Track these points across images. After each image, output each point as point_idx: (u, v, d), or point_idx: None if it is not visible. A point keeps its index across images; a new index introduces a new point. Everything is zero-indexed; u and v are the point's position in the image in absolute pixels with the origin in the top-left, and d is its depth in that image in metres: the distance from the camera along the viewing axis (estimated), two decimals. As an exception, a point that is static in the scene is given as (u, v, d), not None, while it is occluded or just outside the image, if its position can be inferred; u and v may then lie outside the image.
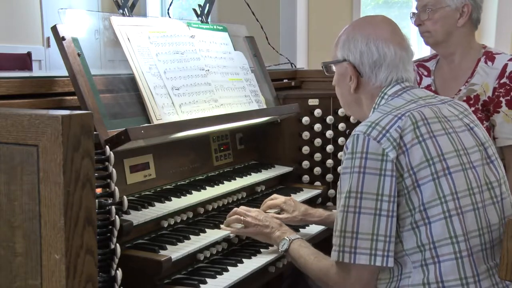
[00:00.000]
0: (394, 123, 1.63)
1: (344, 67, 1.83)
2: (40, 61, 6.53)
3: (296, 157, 2.76)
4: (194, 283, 1.81)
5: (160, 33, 2.22)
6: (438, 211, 1.61)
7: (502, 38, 5.30)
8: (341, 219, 1.63)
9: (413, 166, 1.61)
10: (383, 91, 1.78)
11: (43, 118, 1.23)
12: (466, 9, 2.38)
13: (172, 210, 1.95)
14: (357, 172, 1.61)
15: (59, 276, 1.24)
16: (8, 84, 1.76)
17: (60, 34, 1.87)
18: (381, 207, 1.59)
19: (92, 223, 1.29)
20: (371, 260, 1.60)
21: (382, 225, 1.59)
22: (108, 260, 1.60)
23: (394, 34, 1.81)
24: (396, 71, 1.77)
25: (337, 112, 2.77)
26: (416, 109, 1.69)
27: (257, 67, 2.73)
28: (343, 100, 1.92)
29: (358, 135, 1.64)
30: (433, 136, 1.65)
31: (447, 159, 1.64)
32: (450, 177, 1.63)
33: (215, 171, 2.44)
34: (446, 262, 1.61)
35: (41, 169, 1.24)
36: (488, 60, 2.41)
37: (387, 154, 1.59)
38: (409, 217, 1.62)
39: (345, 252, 1.62)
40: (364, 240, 1.60)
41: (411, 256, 1.64)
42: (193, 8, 2.59)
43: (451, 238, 1.61)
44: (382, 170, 1.59)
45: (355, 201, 1.61)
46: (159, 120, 2.03)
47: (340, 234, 1.63)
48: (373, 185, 1.60)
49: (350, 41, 1.81)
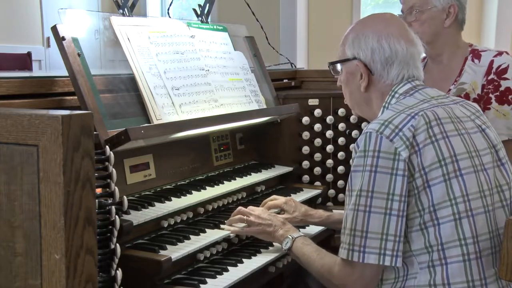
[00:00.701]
0: (407, 122, 1.61)
1: (353, 65, 1.80)
2: (40, 61, 6.53)
3: (296, 157, 2.76)
4: (194, 283, 1.81)
5: (160, 33, 2.22)
6: (448, 213, 1.59)
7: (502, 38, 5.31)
8: (352, 217, 1.61)
9: (425, 166, 1.59)
10: (394, 89, 1.76)
11: (43, 118, 1.23)
12: (453, 10, 2.39)
13: (172, 210, 1.95)
14: (368, 171, 1.59)
15: (59, 276, 1.24)
16: (8, 84, 1.76)
17: (60, 34, 1.87)
18: (392, 207, 1.58)
19: (92, 223, 1.29)
20: (380, 259, 1.58)
21: (392, 224, 1.58)
22: (108, 260, 1.59)
23: (404, 30, 1.79)
24: (407, 68, 1.75)
25: (337, 112, 2.77)
26: (429, 108, 1.66)
27: (257, 67, 2.73)
28: (352, 99, 1.88)
29: (370, 133, 1.61)
30: (446, 136, 1.63)
31: (459, 160, 1.62)
32: (461, 179, 1.61)
33: (215, 171, 2.44)
34: (454, 264, 1.59)
35: (41, 169, 1.24)
36: (475, 58, 2.42)
37: (400, 153, 1.57)
38: (418, 217, 1.61)
39: (354, 250, 1.61)
40: (374, 240, 1.59)
41: (418, 256, 1.63)
42: (193, 8, 2.59)
43: (460, 240, 1.59)
44: (393, 169, 1.57)
45: (365, 200, 1.59)
46: (159, 120, 2.03)
47: (350, 233, 1.61)
48: (384, 184, 1.58)
49: (360, 38, 1.77)
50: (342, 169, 2.79)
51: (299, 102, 2.70)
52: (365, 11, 6.02)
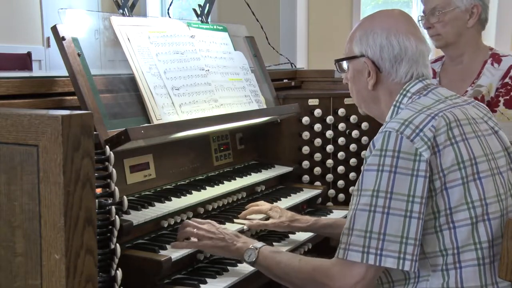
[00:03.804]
0: (428, 123, 1.56)
1: (361, 63, 1.75)
2: (40, 61, 6.53)
3: (296, 157, 2.76)
4: (194, 283, 1.81)
5: (160, 33, 2.22)
6: (465, 216, 1.56)
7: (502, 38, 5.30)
8: (366, 218, 1.54)
9: (444, 168, 1.55)
10: (405, 88, 1.71)
11: (43, 118, 1.23)
12: (476, 10, 2.37)
13: (172, 210, 1.95)
14: (387, 171, 1.53)
15: (59, 276, 1.24)
16: (8, 84, 1.76)
17: (60, 34, 1.87)
18: (412, 209, 1.52)
19: (92, 223, 1.29)
20: (399, 264, 1.51)
21: (413, 227, 1.52)
22: (108, 260, 1.59)
23: (414, 27, 1.74)
24: (416, 66, 1.70)
25: (337, 112, 2.77)
26: (447, 109, 1.62)
27: (257, 67, 2.74)
28: (359, 97, 1.82)
29: (390, 132, 1.55)
30: (465, 138, 1.59)
31: (478, 163, 1.59)
32: (479, 182, 1.58)
33: (215, 171, 2.44)
34: (468, 268, 1.56)
35: (41, 169, 1.24)
36: (495, 62, 2.41)
37: (421, 154, 1.52)
38: (433, 219, 1.57)
39: (370, 253, 1.53)
40: (392, 243, 1.52)
41: (431, 259, 1.59)
42: (193, 8, 2.59)
43: (475, 244, 1.57)
44: (414, 171, 1.52)
45: (384, 201, 1.52)
46: (159, 120, 2.03)
47: (364, 234, 1.54)
48: (404, 185, 1.52)
49: (368, 35, 1.72)
50: (342, 169, 2.79)
51: (299, 102, 2.70)
52: (365, 11, 6.02)
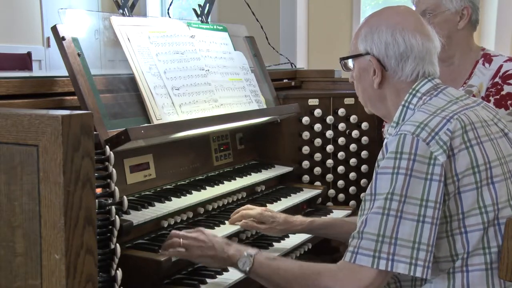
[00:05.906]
0: (444, 126, 1.53)
1: (366, 61, 1.72)
2: (40, 61, 6.53)
3: (296, 157, 2.76)
4: (194, 283, 1.81)
5: (160, 33, 2.22)
6: (477, 221, 1.54)
7: (502, 39, 5.30)
8: (379, 222, 1.50)
9: (458, 172, 1.52)
10: (414, 88, 1.68)
11: (43, 118, 1.23)
12: (466, 12, 2.36)
13: (172, 210, 1.95)
14: (403, 174, 1.49)
15: (59, 276, 1.24)
16: (8, 84, 1.76)
17: (60, 34, 1.87)
18: (426, 214, 1.48)
19: (92, 223, 1.29)
20: (410, 269, 1.48)
21: (426, 233, 1.48)
22: (108, 260, 1.59)
23: (420, 24, 1.71)
24: (422, 64, 1.67)
25: (337, 112, 2.77)
26: (461, 111, 1.59)
27: (257, 67, 2.74)
28: (365, 96, 1.79)
29: (405, 135, 1.52)
30: (480, 142, 1.56)
31: (492, 167, 1.56)
32: (492, 187, 1.55)
33: (215, 171, 2.44)
34: (476, 272, 1.55)
35: (41, 169, 1.24)
36: (486, 62, 2.41)
37: (436, 157, 1.49)
38: (444, 224, 1.55)
39: (381, 258, 1.49)
40: (404, 248, 1.48)
41: (441, 264, 1.57)
42: (193, 8, 2.59)
43: (484, 249, 1.55)
44: (428, 174, 1.49)
45: (398, 204, 1.49)
46: (159, 120, 2.03)
47: (376, 238, 1.50)
48: (418, 189, 1.49)
49: (373, 32, 1.69)
50: (342, 169, 2.79)
51: (299, 102, 2.70)
52: (365, 11, 6.02)
